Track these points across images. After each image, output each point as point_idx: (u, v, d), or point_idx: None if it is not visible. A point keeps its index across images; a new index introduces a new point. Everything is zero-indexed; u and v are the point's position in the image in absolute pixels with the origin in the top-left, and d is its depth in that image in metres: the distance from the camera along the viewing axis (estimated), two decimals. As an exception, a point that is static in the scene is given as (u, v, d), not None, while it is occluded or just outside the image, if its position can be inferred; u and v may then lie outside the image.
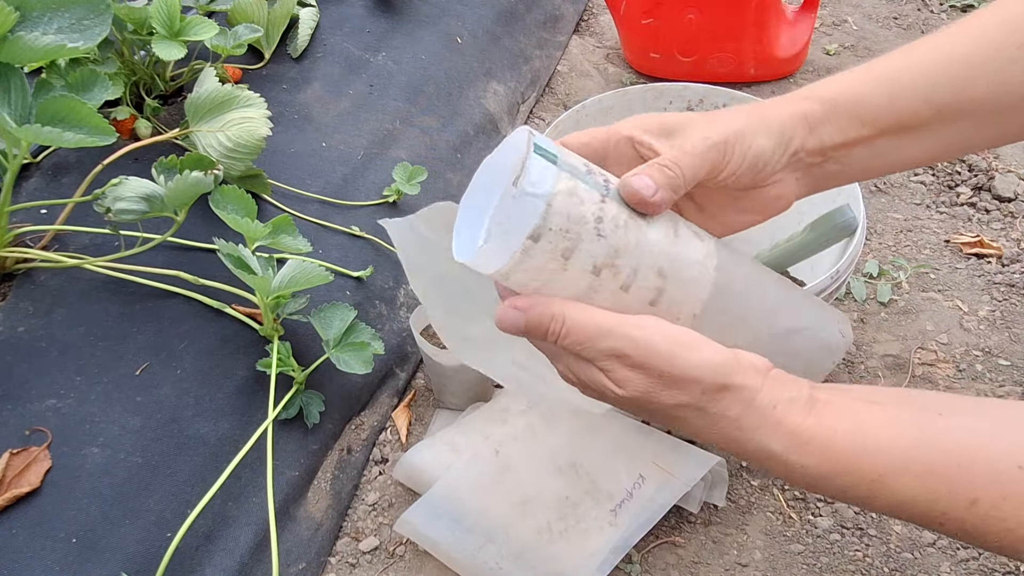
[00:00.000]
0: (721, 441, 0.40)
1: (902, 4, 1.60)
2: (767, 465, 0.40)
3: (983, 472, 0.33)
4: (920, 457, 0.35)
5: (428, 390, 0.90)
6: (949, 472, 0.34)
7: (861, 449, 0.36)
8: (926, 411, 0.37)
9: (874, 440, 0.36)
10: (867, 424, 0.37)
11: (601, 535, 0.70)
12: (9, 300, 0.77)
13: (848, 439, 0.37)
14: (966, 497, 0.34)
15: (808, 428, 0.38)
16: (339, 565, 0.74)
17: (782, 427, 0.38)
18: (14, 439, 0.67)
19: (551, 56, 1.41)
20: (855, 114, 0.47)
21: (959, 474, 0.34)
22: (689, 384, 0.39)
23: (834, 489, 0.39)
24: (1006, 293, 0.99)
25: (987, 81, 0.46)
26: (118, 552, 0.63)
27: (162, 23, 0.84)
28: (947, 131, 0.48)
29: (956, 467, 0.34)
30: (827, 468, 0.37)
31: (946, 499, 0.34)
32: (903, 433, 0.36)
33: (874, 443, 0.36)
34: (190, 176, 0.71)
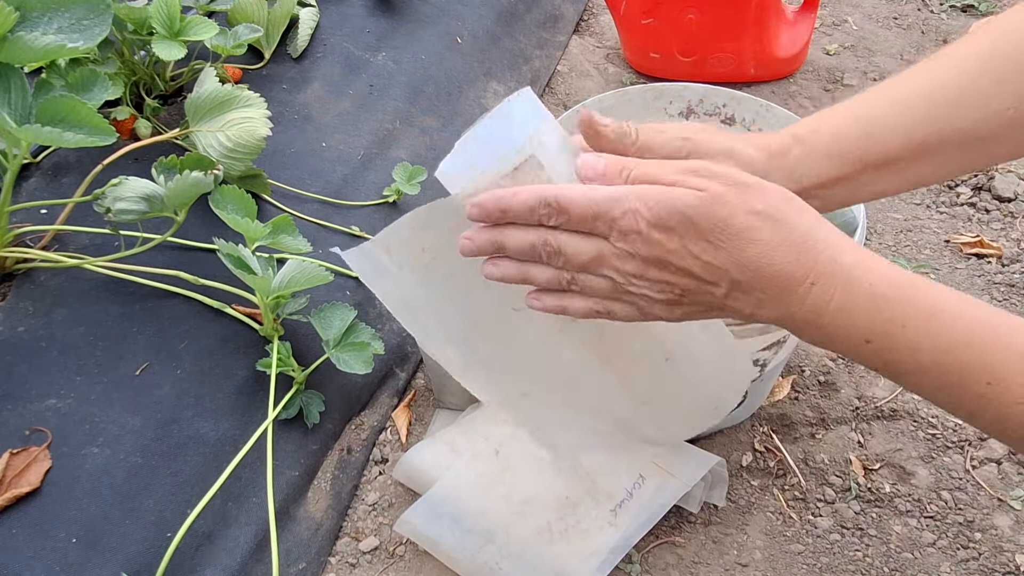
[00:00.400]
0: (791, 254, 0.39)
1: (902, 4, 1.60)
2: (830, 287, 0.39)
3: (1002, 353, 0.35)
4: (975, 308, 0.37)
5: (428, 390, 0.90)
6: (1001, 326, 0.35)
7: (924, 284, 0.38)
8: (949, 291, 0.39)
9: (936, 285, 0.38)
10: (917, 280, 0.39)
11: (601, 535, 0.70)
12: (9, 300, 0.77)
13: (912, 277, 0.38)
14: (1018, 352, 0.35)
15: (872, 256, 0.39)
16: (339, 565, 0.74)
17: (849, 245, 0.39)
18: (14, 439, 0.67)
19: (551, 56, 1.41)
20: (835, 153, 0.48)
21: (1011, 331, 0.35)
22: (766, 190, 0.39)
23: (887, 320, 0.38)
24: (1006, 293, 0.99)
25: (968, 113, 0.46)
26: (118, 552, 0.63)
27: (162, 23, 0.84)
28: (928, 163, 0.48)
29: (1008, 326, 0.35)
30: (890, 291, 0.38)
31: (999, 350, 0.35)
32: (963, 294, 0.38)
33: (936, 287, 0.38)
34: (190, 176, 0.71)
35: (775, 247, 0.38)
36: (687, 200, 0.38)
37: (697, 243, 0.39)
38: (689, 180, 0.39)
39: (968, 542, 0.75)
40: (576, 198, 0.40)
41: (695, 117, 0.88)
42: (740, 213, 0.38)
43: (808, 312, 0.39)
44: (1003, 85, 0.45)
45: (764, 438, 0.84)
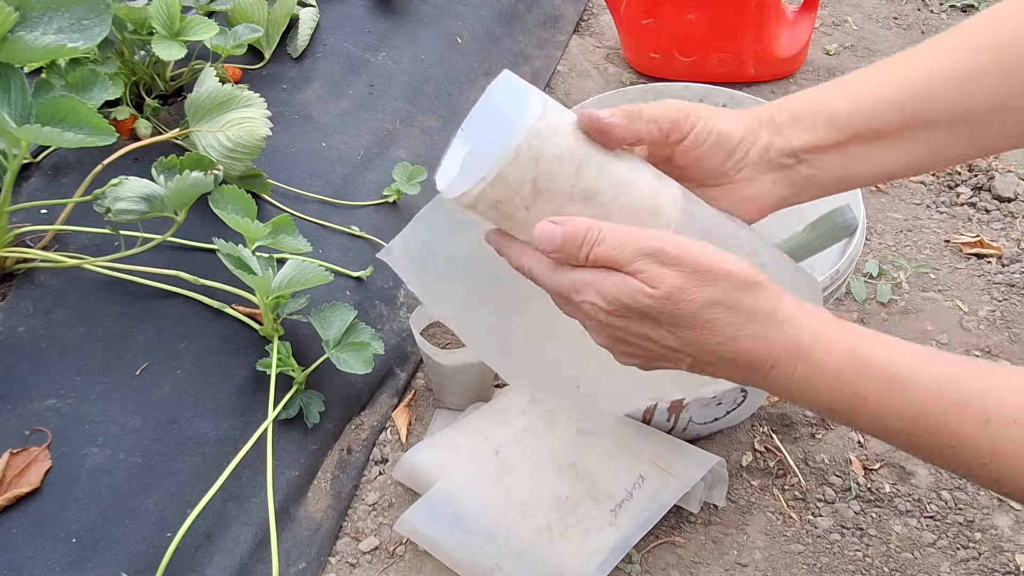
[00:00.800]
0: (752, 345, 0.40)
1: (902, 4, 1.60)
2: (789, 367, 0.40)
3: (997, 395, 0.35)
4: (938, 369, 0.37)
5: (428, 390, 0.90)
6: (963, 389, 0.36)
7: (882, 352, 0.38)
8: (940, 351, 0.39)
9: (894, 349, 0.38)
10: (886, 339, 0.39)
11: (601, 535, 0.70)
12: (9, 300, 0.77)
13: (871, 344, 0.38)
14: (980, 415, 0.35)
15: (834, 327, 0.39)
16: (339, 565, 0.74)
17: (808, 323, 0.40)
18: (14, 439, 0.67)
19: (551, 56, 1.41)
20: (824, 117, 0.48)
21: (973, 393, 0.35)
22: (722, 278, 0.39)
23: (851, 393, 0.39)
24: (1006, 293, 0.99)
25: (958, 93, 0.46)
26: (118, 552, 0.63)
27: (162, 23, 0.84)
28: (920, 140, 0.48)
29: (970, 387, 0.36)
30: (849, 367, 0.39)
31: (960, 414, 0.35)
32: (922, 353, 0.38)
33: (894, 352, 0.38)
34: (190, 176, 0.71)
35: (734, 335, 0.40)
36: (643, 301, 0.40)
37: (656, 330, 0.41)
38: (649, 269, 0.40)
39: (968, 542, 0.75)
40: (546, 279, 0.43)
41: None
42: (698, 307, 0.39)
43: (773, 385, 0.41)
44: (999, 68, 0.45)
45: (764, 438, 0.84)
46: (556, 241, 0.41)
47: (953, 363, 0.38)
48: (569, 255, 0.41)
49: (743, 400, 0.78)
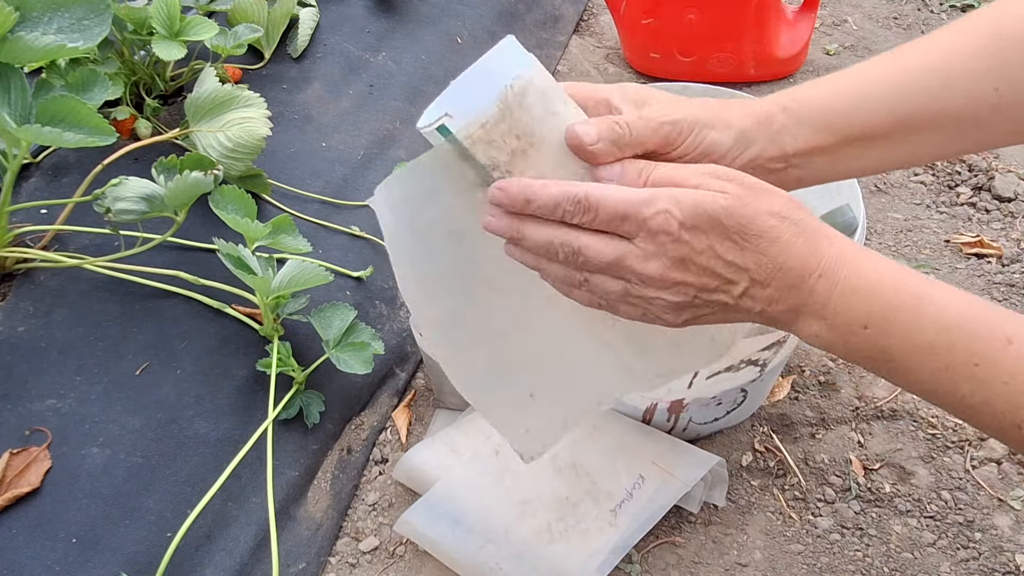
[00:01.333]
0: (803, 250, 0.42)
1: (902, 4, 1.60)
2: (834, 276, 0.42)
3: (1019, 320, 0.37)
4: (960, 297, 0.39)
5: (428, 390, 0.90)
6: (987, 313, 0.38)
7: (913, 273, 0.41)
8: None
9: (925, 276, 0.41)
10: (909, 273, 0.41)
11: (601, 535, 0.70)
12: (9, 300, 0.77)
13: (905, 268, 0.42)
14: (1004, 335, 0.37)
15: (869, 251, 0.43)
16: (339, 565, 0.74)
17: (850, 241, 0.43)
18: (14, 439, 0.67)
19: (551, 56, 1.41)
20: (817, 121, 0.49)
21: (997, 316, 0.38)
22: (778, 194, 0.42)
23: (885, 303, 0.41)
24: (1006, 293, 0.99)
25: (950, 93, 0.47)
26: (118, 552, 0.63)
27: (162, 23, 0.84)
28: (909, 142, 0.50)
29: (994, 311, 0.38)
30: (887, 278, 0.41)
31: (985, 333, 0.38)
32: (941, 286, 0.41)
33: (925, 276, 0.41)
34: (190, 176, 0.71)
35: (791, 244, 0.42)
36: (717, 202, 0.41)
37: (723, 243, 0.42)
38: (712, 183, 0.42)
39: (968, 542, 0.75)
40: (608, 196, 0.41)
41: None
42: (762, 214, 0.41)
43: (814, 303, 0.43)
44: (993, 68, 0.46)
45: (764, 438, 0.84)
46: (616, 171, 0.43)
47: (983, 301, 0.41)
48: (629, 182, 0.43)
49: (743, 400, 0.78)
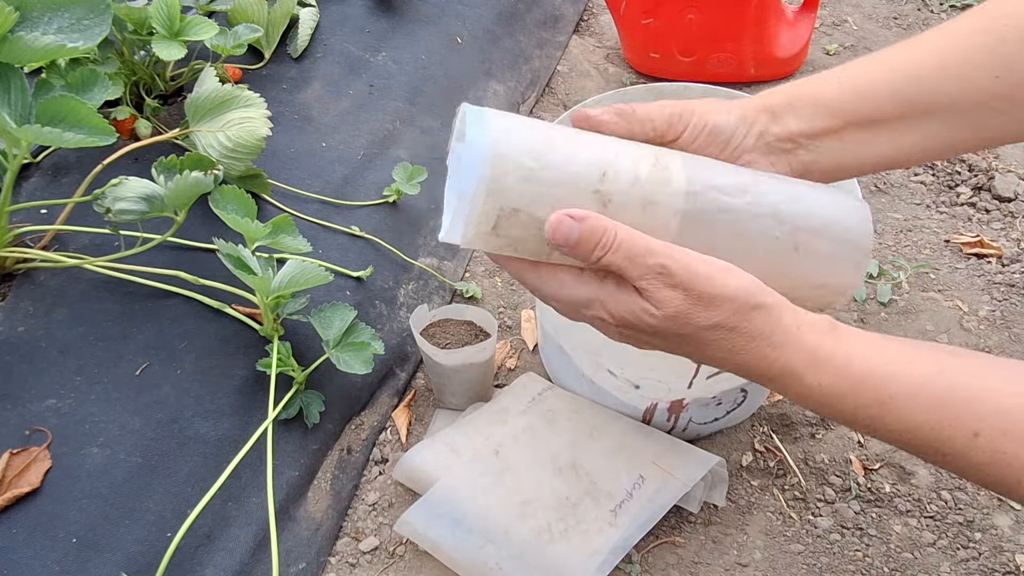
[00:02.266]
0: (750, 361, 0.41)
1: (902, 4, 1.60)
2: (786, 384, 0.41)
3: (988, 407, 0.35)
4: (930, 386, 0.36)
5: (428, 390, 0.90)
6: (955, 403, 0.35)
7: (875, 372, 0.38)
8: (943, 351, 0.38)
9: (889, 366, 0.38)
10: (884, 352, 0.39)
11: (601, 535, 0.70)
12: (9, 300, 0.77)
13: (864, 362, 0.38)
14: (969, 429, 0.35)
15: (827, 348, 0.40)
16: (339, 565, 0.74)
17: (805, 345, 0.40)
18: (14, 439, 0.67)
19: (551, 56, 1.41)
20: (818, 103, 0.49)
21: (964, 406, 0.35)
22: (724, 303, 0.40)
23: (845, 410, 0.40)
24: (1006, 293, 0.99)
25: (954, 81, 0.47)
26: (118, 552, 0.63)
27: (162, 23, 0.84)
28: (917, 129, 0.49)
29: (962, 400, 0.35)
30: (841, 387, 0.39)
31: (950, 428, 0.36)
32: (917, 364, 0.38)
33: (888, 369, 0.38)
34: (190, 176, 0.71)
35: (734, 353, 0.41)
36: (648, 321, 0.42)
37: (664, 341, 0.43)
38: (654, 290, 0.41)
39: (968, 542, 0.75)
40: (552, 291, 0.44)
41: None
42: (700, 330, 0.41)
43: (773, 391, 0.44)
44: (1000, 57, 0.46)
45: (764, 438, 0.84)
46: (572, 238, 0.41)
47: (948, 371, 0.38)
48: (581, 254, 0.41)
49: (743, 400, 0.78)
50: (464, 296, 0.99)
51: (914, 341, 0.42)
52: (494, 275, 1.04)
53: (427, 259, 0.99)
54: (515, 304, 1.00)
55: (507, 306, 1.00)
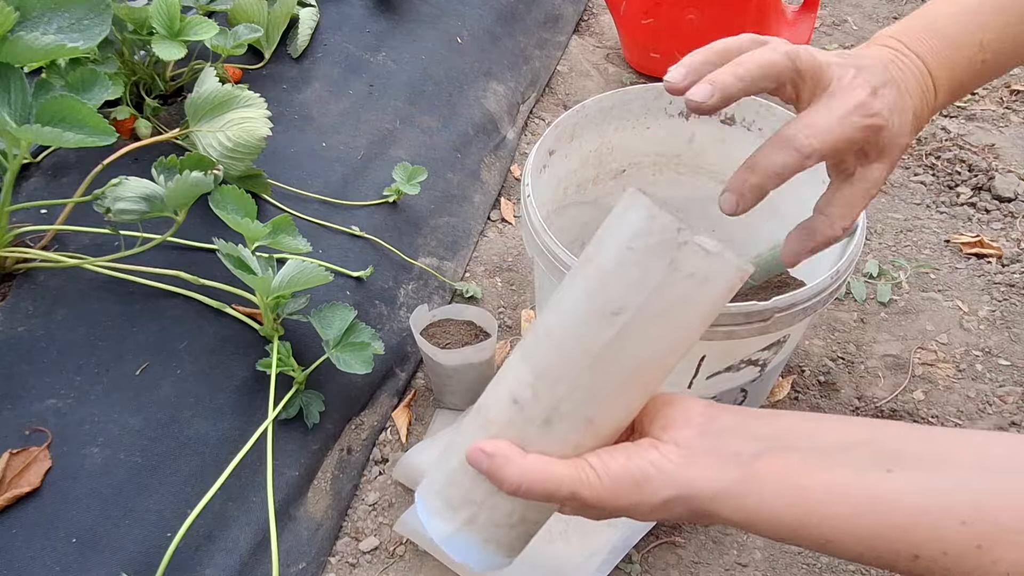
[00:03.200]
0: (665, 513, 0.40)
1: (902, 4, 1.60)
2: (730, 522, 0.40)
3: (925, 532, 0.34)
4: (862, 523, 0.35)
5: (428, 390, 0.90)
6: (891, 534, 0.35)
7: (806, 522, 0.36)
8: (876, 469, 0.36)
9: (817, 511, 0.36)
10: (808, 496, 0.36)
11: (601, 535, 0.70)
12: (9, 300, 0.77)
13: (791, 515, 0.37)
14: (909, 553, 0.34)
15: (751, 508, 0.37)
16: (339, 565, 0.74)
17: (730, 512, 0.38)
18: (14, 439, 0.67)
19: (551, 56, 1.41)
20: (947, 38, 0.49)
21: (901, 535, 0.34)
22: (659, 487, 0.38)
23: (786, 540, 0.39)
24: (1006, 293, 0.99)
25: None
26: (118, 552, 0.63)
27: (162, 23, 0.84)
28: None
29: (898, 529, 0.34)
30: (780, 535, 0.38)
31: (890, 556, 0.35)
32: (846, 501, 0.36)
33: (817, 514, 0.36)
34: (190, 176, 0.71)
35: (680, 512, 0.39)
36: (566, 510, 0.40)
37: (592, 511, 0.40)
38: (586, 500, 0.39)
39: (968, 542, 0.75)
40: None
41: (695, 117, 0.88)
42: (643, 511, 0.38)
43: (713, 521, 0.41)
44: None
45: (764, 438, 0.84)
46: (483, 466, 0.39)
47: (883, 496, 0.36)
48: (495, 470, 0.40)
49: (743, 400, 0.78)
50: (464, 296, 0.99)
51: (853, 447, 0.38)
52: (494, 275, 1.04)
53: (427, 259, 0.99)
54: (515, 304, 1.00)
55: (507, 306, 1.00)
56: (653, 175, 0.96)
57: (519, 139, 1.25)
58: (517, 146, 1.24)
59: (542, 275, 0.77)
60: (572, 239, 0.96)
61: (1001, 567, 0.32)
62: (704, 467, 0.37)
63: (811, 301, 0.66)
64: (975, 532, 0.32)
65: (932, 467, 0.35)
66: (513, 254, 1.07)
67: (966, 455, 0.35)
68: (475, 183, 1.12)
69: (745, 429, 0.38)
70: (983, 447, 0.35)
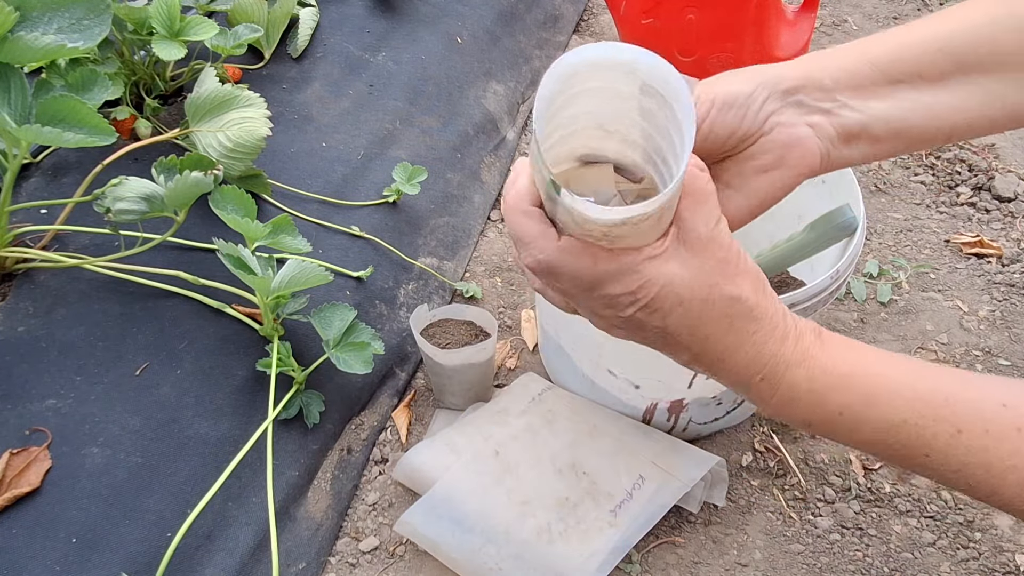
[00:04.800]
0: (751, 352, 0.39)
1: (902, 4, 1.60)
2: (775, 382, 0.39)
3: (969, 406, 0.35)
4: (912, 384, 0.37)
5: (428, 390, 0.90)
6: (936, 401, 0.36)
7: (860, 371, 0.38)
8: (923, 362, 0.39)
9: (872, 366, 0.38)
10: (867, 354, 0.39)
11: (601, 536, 0.70)
12: (9, 300, 0.77)
13: (849, 362, 0.38)
14: (952, 425, 0.35)
15: (814, 348, 0.39)
16: (339, 565, 0.74)
17: (799, 344, 0.39)
18: (14, 439, 0.67)
19: (551, 56, 1.41)
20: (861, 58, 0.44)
21: (946, 404, 0.36)
22: (749, 277, 0.38)
23: (831, 410, 0.39)
24: (1006, 293, 0.99)
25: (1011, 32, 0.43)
26: (118, 552, 0.63)
27: (162, 23, 0.84)
28: (977, 90, 0.44)
29: (944, 398, 0.36)
30: (828, 383, 0.39)
31: (932, 426, 0.36)
32: (899, 366, 0.38)
33: (872, 368, 0.38)
34: (190, 176, 0.71)
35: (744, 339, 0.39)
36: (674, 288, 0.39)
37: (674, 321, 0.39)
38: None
39: (968, 542, 0.75)
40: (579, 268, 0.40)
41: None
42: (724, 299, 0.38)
43: (756, 397, 0.41)
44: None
45: (764, 438, 0.84)
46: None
47: (928, 375, 0.38)
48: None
49: (743, 400, 0.78)
50: (464, 296, 0.99)
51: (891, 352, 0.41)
52: (494, 275, 1.04)
53: (427, 259, 0.99)
54: (515, 304, 1.00)
55: (507, 306, 1.00)
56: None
57: (519, 139, 1.25)
58: (517, 146, 1.24)
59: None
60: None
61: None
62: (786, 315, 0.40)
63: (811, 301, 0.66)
64: (1016, 415, 0.34)
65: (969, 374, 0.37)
66: (513, 254, 1.07)
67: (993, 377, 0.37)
68: (475, 183, 1.12)
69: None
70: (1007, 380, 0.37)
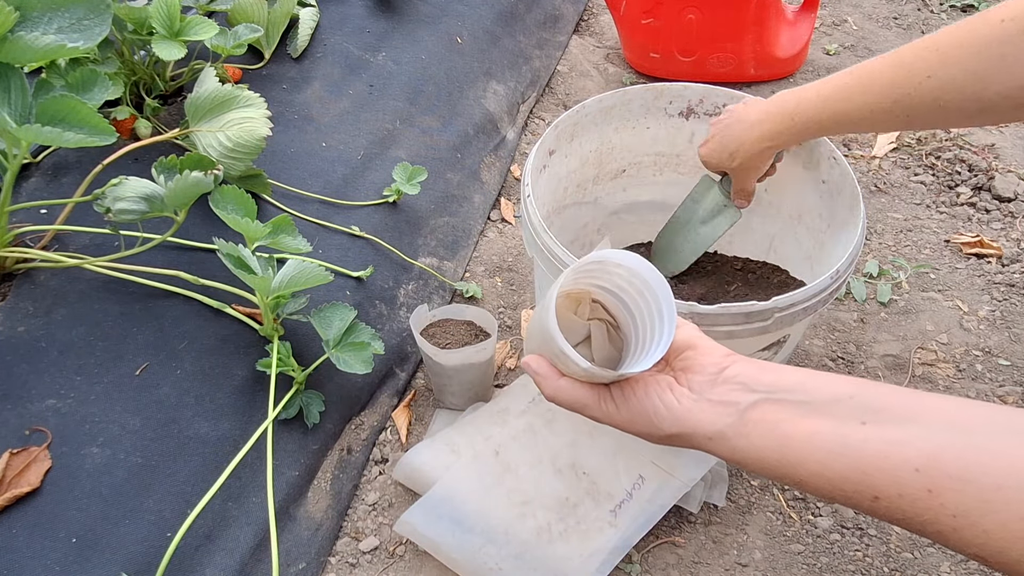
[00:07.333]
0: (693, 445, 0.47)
1: (902, 4, 1.60)
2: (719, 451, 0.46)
3: (884, 477, 0.39)
4: (833, 467, 0.41)
5: (428, 390, 0.90)
6: (855, 477, 0.40)
7: (786, 464, 0.43)
8: (852, 420, 0.41)
9: (795, 456, 0.42)
10: (790, 444, 0.42)
11: (601, 536, 0.70)
12: (9, 300, 0.77)
13: (774, 458, 0.43)
14: (870, 495, 0.40)
15: (741, 448, 0.44)
16: (339, 565, 0.74)
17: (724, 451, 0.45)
18: (14, 439, 0.67)
19: (551, 56, 1.41)
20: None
21: (864, 478, 0.40)
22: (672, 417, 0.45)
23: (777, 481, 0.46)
24: (1006, 293, 0.99)
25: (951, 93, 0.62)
26: (118, 552, 0.63)
27: (162, 23, 0.84)
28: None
29: (861, 473, 0.40)
30: (765, 474, 0.44)
31: (855, 497, 0.40)
32: (820, 448, 0.41)
33: (796, 459, 0.42)
34: (190, 176, 0.71)
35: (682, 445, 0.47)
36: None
37: None
38: None
39: (968, 542, 0.75)
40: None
41: (695, 117, 0.88)
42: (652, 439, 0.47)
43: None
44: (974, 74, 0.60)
45: (764, 438, 0.84)
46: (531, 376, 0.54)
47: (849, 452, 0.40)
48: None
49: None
50: (464, 296, 0.99)
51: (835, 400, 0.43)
52: (494, 275, 1.04)
53: (427, 259, 0.99)
54: (515, 304, 1.00)
55: (507, 306, 1.00)
56: (653, 175, 0.96)
57: (519, 139, 1.25)
58: (517, 146, 1.24)
59: (542, 275, 0.77)
60: (572, 239, 0.96)
61: (948, 509, 0.36)
62: (707, 412, 0.44)
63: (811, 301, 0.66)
64: (926, 478, 0.37)
65: (901, 422, 0.40)
66: (513, 254, 1.07)
67: (937, 415, 0.39)
68: (475, 183, 1.12)
69: (750, 379, 0.44)
70: (957, 411, 0.39)
